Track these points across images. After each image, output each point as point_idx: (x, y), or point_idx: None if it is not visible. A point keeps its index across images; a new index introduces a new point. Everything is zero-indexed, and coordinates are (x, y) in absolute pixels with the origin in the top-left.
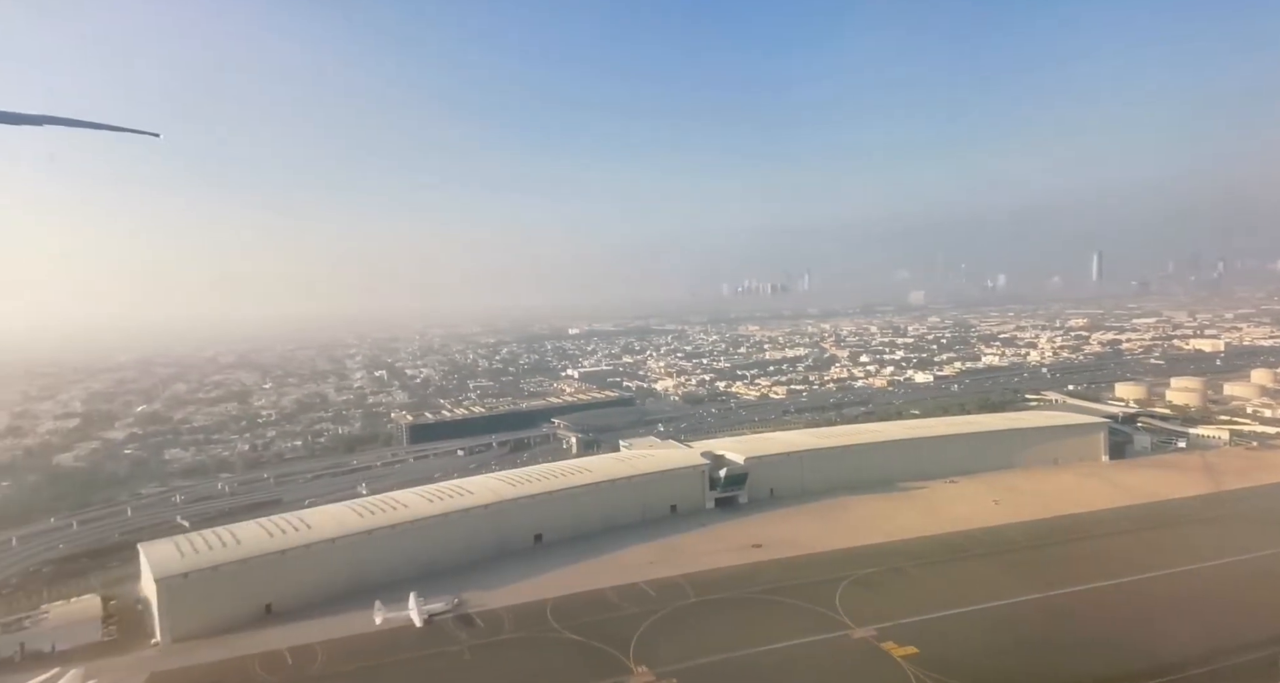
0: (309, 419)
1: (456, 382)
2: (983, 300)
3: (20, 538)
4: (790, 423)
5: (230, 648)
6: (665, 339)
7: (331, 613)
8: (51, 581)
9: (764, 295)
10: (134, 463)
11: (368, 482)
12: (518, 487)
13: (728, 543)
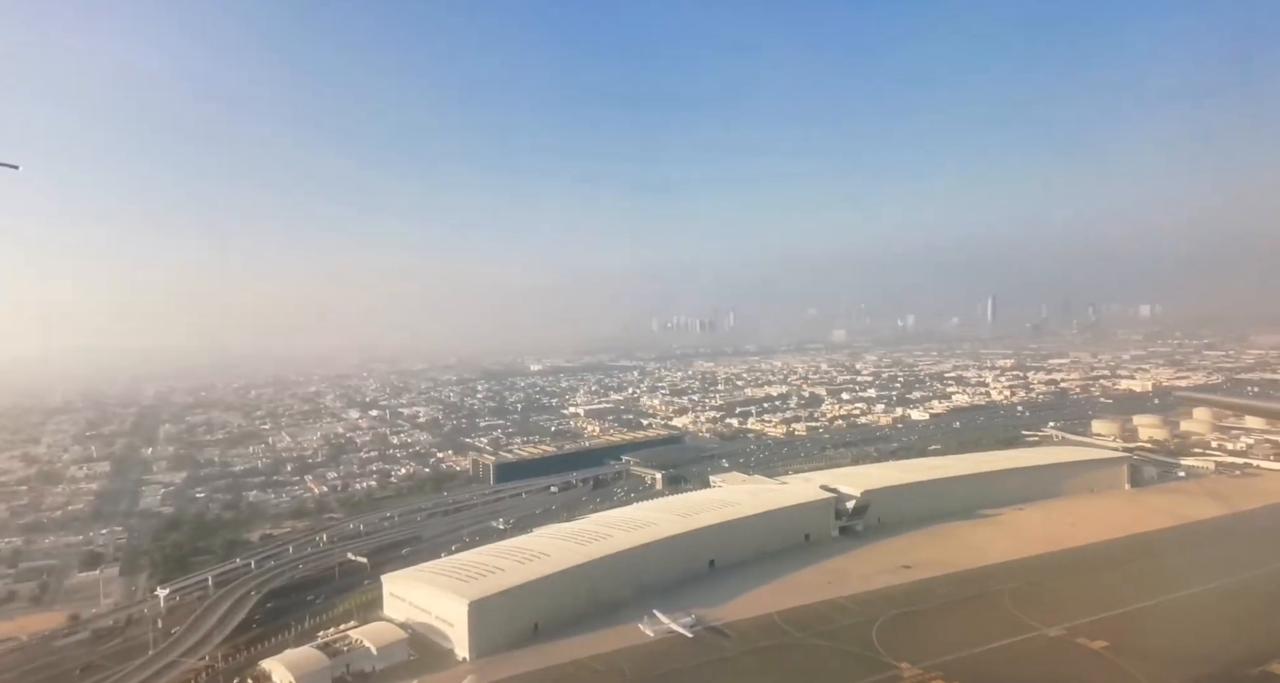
0: (355, 460)
1: (465, 421)
2: (897, 339)
3: (215, 580)
4: (837, 459)
5: (536, 659)
6: (632, 375)
7: (589, 630)
8: (282, 615)
9: (694, 332)
10: (224, 506)
11: (490, 517)
12: (690, 519)
13: (878, 565)
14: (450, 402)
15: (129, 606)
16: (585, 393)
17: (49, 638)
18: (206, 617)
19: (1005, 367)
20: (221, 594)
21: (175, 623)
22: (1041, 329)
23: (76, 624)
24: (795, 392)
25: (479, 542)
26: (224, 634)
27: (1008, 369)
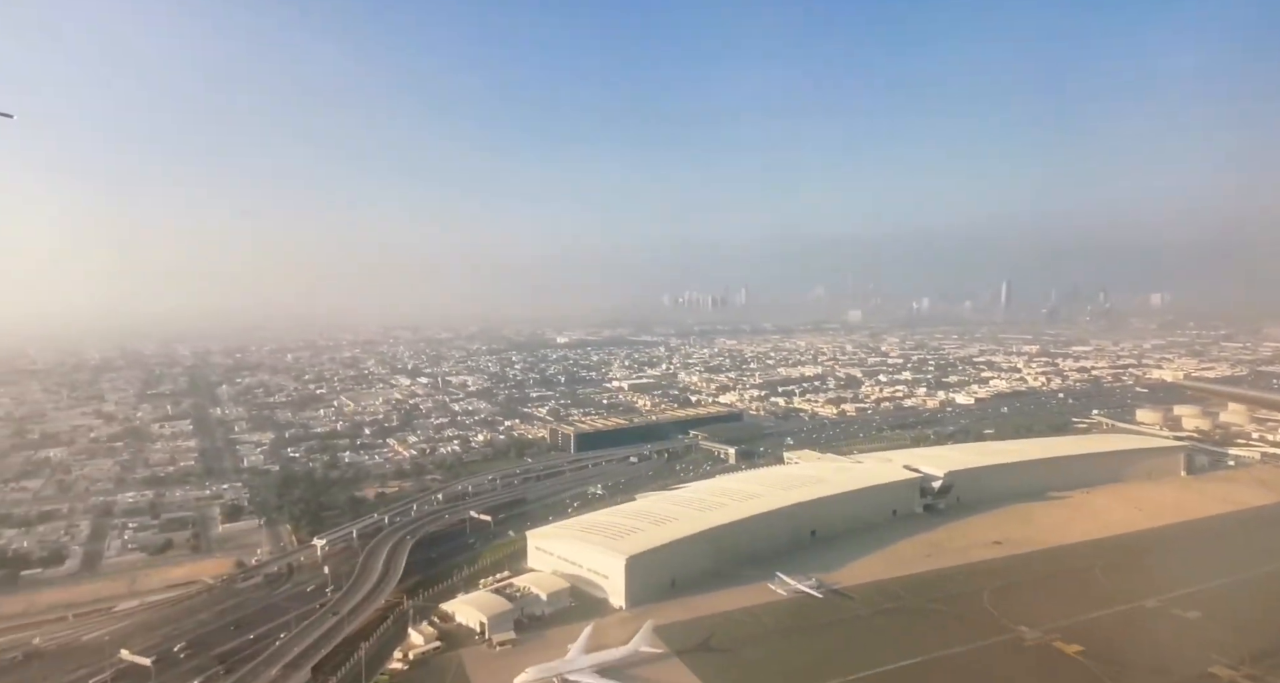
0: (428, 426)
1: (515, 391)
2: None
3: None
4: (896, 440)
5: (684, 611)
6: (658, 350)
7: (720, 588)
8: (432, 565)
9: (705, 308)
10: (325, 466)
11: (582, 484)
12: (792, 492)
13: (969, 541)
14: (491, 371)
15: (287, 554)
16: (619, 367)
17: (229, 582)
18: (369, 565)
19: (1032, 353)
20: (373, 546)
21: (339, 570)
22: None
23: (248, 570)
24: (830, 373)
25: (581, 504)
26: (394, 580)
27: (1034, 356)
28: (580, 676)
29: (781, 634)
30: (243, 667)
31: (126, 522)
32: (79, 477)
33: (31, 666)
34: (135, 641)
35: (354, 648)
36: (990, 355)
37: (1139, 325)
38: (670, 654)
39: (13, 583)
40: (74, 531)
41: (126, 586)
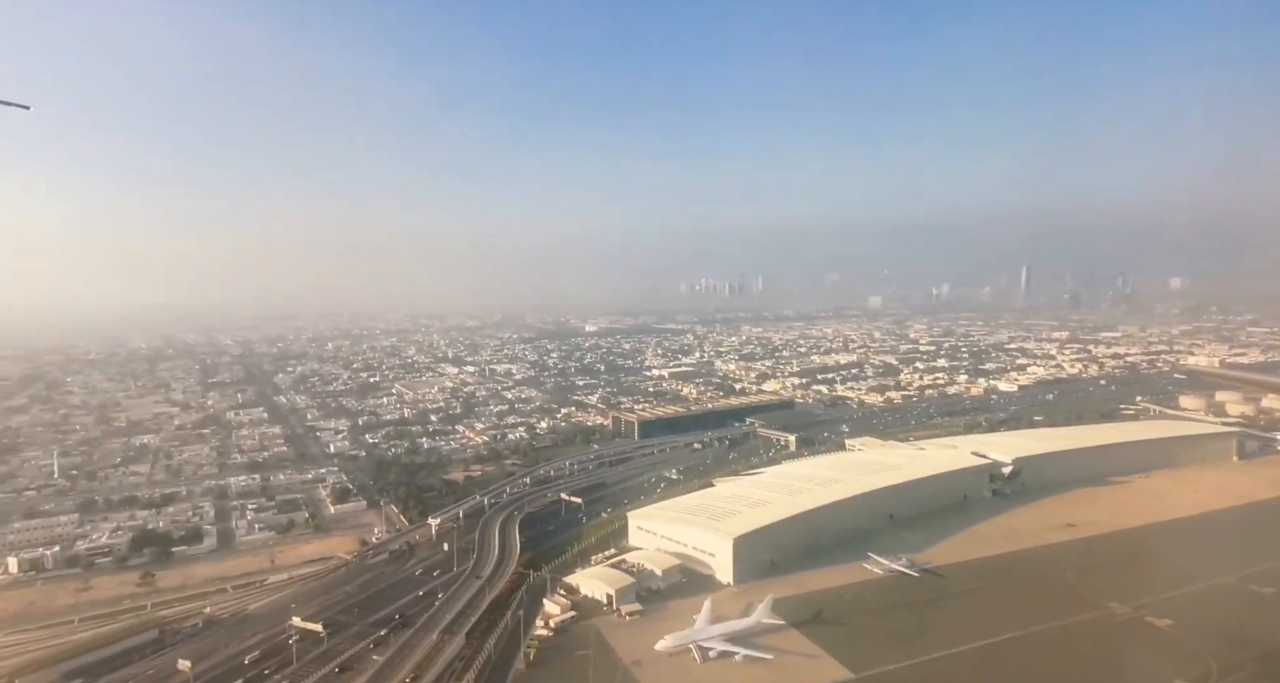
0: (489, 413)
1: (560, 380)
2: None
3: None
4: (949, 426)
5: (790, 587)
6: (686, 338)
7: (816, 566)
8: (539, 542)
9: (722, 295)
10: (406, 451)
11: (654, 468)
12: (870, 478)
13: (1042, 523)
14: (531, 360)
15: (404, 533)
16: (653, 355)
17: (361, 558)
18: (485, 542)
19: (1062, 340)
20: (483, 525)
21: (456, 547)
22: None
23: (373, 547)
24: (864, 360)
25: (660, 488)
26: (515, 556)
27: (1065, 342)
28: (713, 643)
29: (886, 609)
30: (403, 632)
31: (244, 503)
32: (181, 462)
33: (212, 631)
34: (298, 610)
35: (495, 616)
36: (1021, 342)
37: (1162, 310)
38: (788, 626)
39: (166, 559)
40: (199, 512)
41: (267, 561)
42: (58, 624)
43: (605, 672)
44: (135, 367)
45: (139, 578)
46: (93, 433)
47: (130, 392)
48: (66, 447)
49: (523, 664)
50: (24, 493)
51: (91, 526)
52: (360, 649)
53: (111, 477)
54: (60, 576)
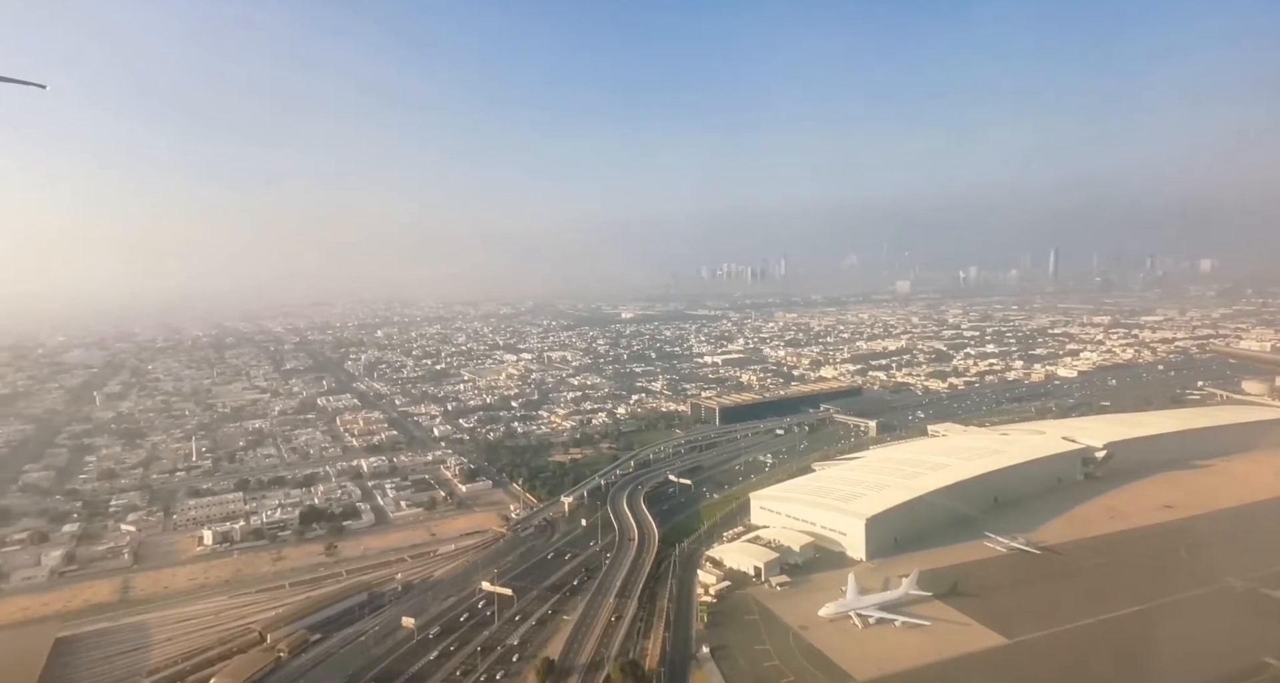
0: (563, 399)
1: (616, 366)
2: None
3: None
4: (1020, 412)
5: (921, 563)
6: (724, 324)
7: (939, 545)
8: (664, 520)
9: (745, 280)
10: (504, 435)
11: (742, 453)
12: (975, 462)
13: (1139, 505)
14: (581, 347)
15: (541, 510)
16: (697, 342)
17: (514, 530)
18: (620, 518)
19: (1105, 324)
20: (611, 502)
21: (593, 522)
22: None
23: (518, 522)
24: (911, 346)
25: (760, 471)
26: (654, 530)
27: (1108, 327)
28: (870, 611)
29: (1017, 583)
30: (580, 596)
31: (380, 483)
32: (302, 445)
33: (411, 595)
34: (477, 577)
35: (654, 585)
36: (1063, 327)
37: (1196, 293)
38: (932, 597)
39: (340, 533)
40: (345, 490)
41: (427, 534)
42: (272, 588)
43: (777, 634)
44: (204, 354)
45: (324, 549)
46: (203, 418)
47: (213, 379)
48: (187, 431)
49: (700, 625)
50: (175, 474)
51: (254, 503)
52: (547, 610)
53: (246, 458)
54: (250, 547)
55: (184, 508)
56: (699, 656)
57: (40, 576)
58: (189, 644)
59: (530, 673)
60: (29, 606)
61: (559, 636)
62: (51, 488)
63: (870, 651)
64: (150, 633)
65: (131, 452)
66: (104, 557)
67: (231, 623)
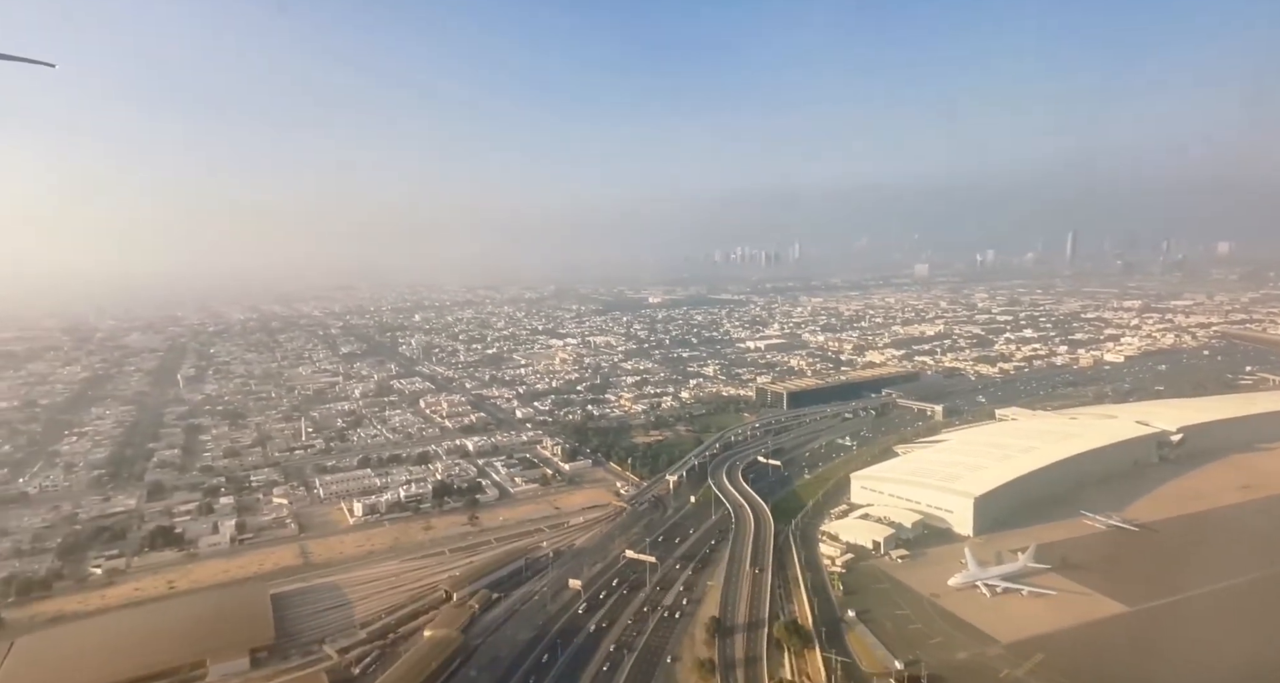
0: (623, 383)
1: (661, 351)
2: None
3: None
4: (1078, 397)
5: (1024, 539)
6: (751, 309)
7: (1038, 522)
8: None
9: (758, 264)
10: (583, 417)
11: (817, 436)
12: (1060, 445)
13: (1217, 485)
14: (621, 332)
15: (649, 487)
16: (732, 327)
17: (634, 504)
18: (727, 495)
19: (1135, 309)
20: (714, 480)
21: (701, 499)
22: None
23: (633, 497)
24: (948, 331)
25: (838, 453)
26: (763, 507)
27: (1140, 311)
28: (995, 581)
29: (1121, 557)
30: (714, 564)
31: (491, 461)
32: (398, 426)
33: (563, 561)
34: (615, 545)
35: (780, 555)
36: (1094, 312)
37: (1219, 277)
38: (1049, 569)
39: (475, 506)
40: (460, 468)
41: (551, 508)
42: (433, 554)
43: (911, 601)
44: (256, 338)
45: (466, 520)
46: (291, 400)
47: (279, 362)
48: (283, 412)
49: (838, 593)
50: (293, 452)
51: (382, 478)
52: (690, 576)
53: (353, 438)
54: (397, 518)
55: (324, 483)
56: (847, 619)
57: (223, 542)
58: (384, 601)
59: (699, 630)
60: (227, 568)
61: (710, 598)
62: (184, 466)
63: (1005, 616)
64: (345, 592)
65: (240, 432)
66: (271, 526)
67: (413, 584)
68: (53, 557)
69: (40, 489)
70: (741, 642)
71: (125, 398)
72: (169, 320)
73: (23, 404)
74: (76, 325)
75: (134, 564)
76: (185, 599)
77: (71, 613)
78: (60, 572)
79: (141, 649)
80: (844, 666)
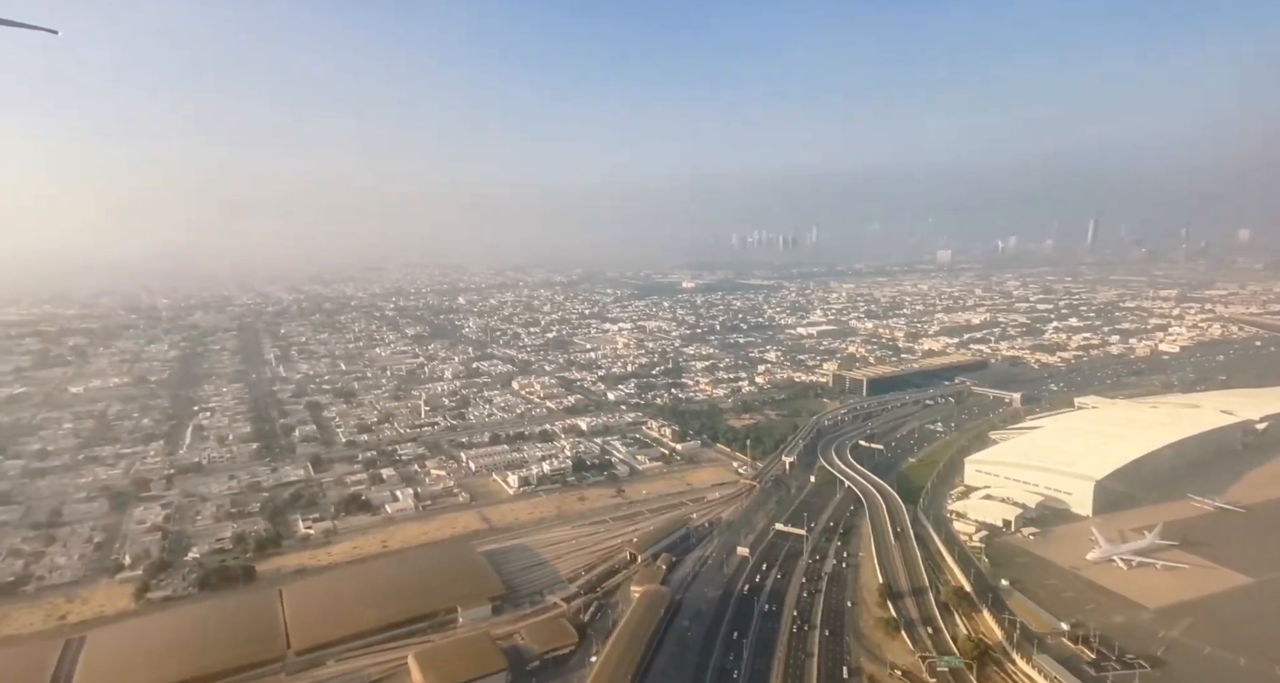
0: (694, 369)
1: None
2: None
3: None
4: (1147, 385)
5: (1142, 518)
6: (787, 295)
7: (1148, 504)
8: None
9: (776, 248)
10: (674, 401)
11: (908, 420)
12: (1157, 432)
13: None
14: (665, 317)
15: (768, 466)
16: (774, 312)
17: (761, 480)
18: (847, 476)
19: (1172, 298)
20: (826, 461)
21: (821, 479)
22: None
23: (757, 475)
24: (993, 319)
25: (932, 439)
26: (887, 487)
27: (1176, 300)
28: (1129, 556)
29: (1234, 535)
30: (853, 537)
31: (607, 440)
32: (506, 406)
33: (718, 531)
34: (758, 518)
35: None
36: (1131, 300)
37: (1244, 265)
38: (1174, 545)
39: (614, 480)
40: (585, 446)
41: (682, 484)
42: (597, 522)
43: (1054, 573)
44: (318, 319)
45: (614, 492)
46: (388, 380)
47: (354, 343)
48: (390, 392)
49: (985, 565)
50: (420, 429)
51: (517, 454)
52: (838, 547)
53: (468, 416)
54: (550, 489)
55: (470, 457)
56: (1002, 587)
57: (409, 508)
58: (577, 561)
59: (867, 593)
60: (424, 530)
61: (867, 567)
62: (326, 440)
63: (1146, 587)
64: (539, 553)
65: (360, 410)
66: (443, 495)
67: (594, 547)
68: (261, 520)
69: (209, 460)
70: (912, 604)
71: (228, 376)
72: (220, 300)
73: (134, 381)
74: (134, 304)
75: (339, 526)
76: (409, 555)
77: (311, 567)
78: (278, 533)
79: (399, 597)
80: (1015, 625)
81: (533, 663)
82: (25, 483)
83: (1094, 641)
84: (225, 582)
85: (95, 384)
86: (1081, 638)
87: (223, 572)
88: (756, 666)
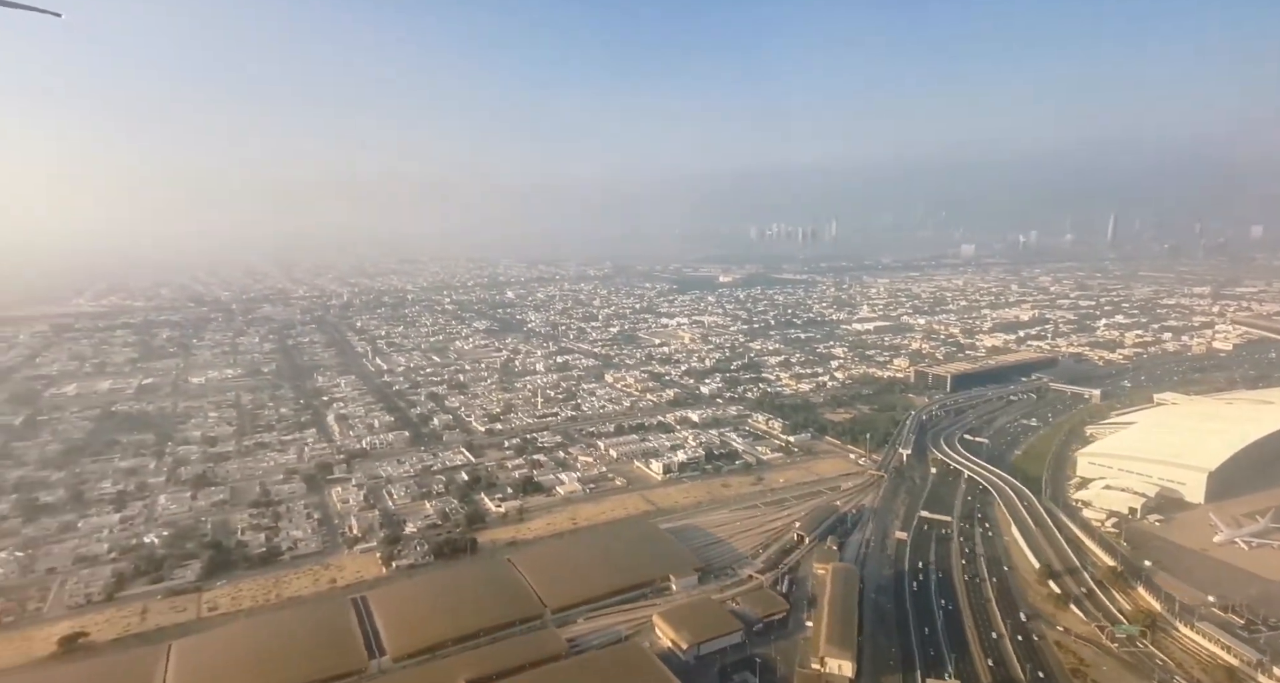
0: (770, 364)
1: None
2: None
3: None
4: (1212, 382)
5: (1254, 504)
6: (823, 290)
7: (1255, 492)
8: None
9: (795, 241)
10: (763, 394)
11: (998, 414)
12: (1247, 426)
13: None
14: (718, 312)
15: (886, 458)
16: (820, 307)
17: (876, 468)
18: (965, 467)
19: (1206, 294)
20: (945, 455)
21: (942, 471)
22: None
23: (878, 466)
24: (1041, 315)
25: (1029, 433)
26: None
27: (1212, 297)
28: (1249, 537)
29: None
30: (990, 523)
31: (723, 431)
32: (613, 397)
33: (865, 516)
34: (898, 505)
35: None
36: (1168, 297)
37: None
38: None
39: (747, 470)
40: (706, 436)
41: (810, 474)
42: (750, 507)
43: (1187, 555)
44: (385, 313)
45: (753, 480)
46: (487, 373)
47: (433, 337)
48: (496, 383)
49: (1124, 548)
50: (544, 418)
51: (647, 443)
52: (986, 532)
53: (582, 407)
54: (692, 476)
55: (608, 445)
56: (1145, 568)
57: (578, 490)
58: (749, 541)
59: (1029, 574)
60: (600, 510)
61: (1015, 549)
62: (465, 428)
63: (1271, 564)
64: (708, 533)
65: (479, 400)
66: (599, 479)
67: (759, 529)
68: (453, 499)
69: (372, 446)
70: (1071, 582)
71: (335, 368)
72: (278, 293)
73: (249, 372)
74: (195, 296)
75: (525, 506)
76: (606, 530)
77: (521, 540)
78: (475, 510)
79: (617, 567)
80: (1169, 598)
81: (757, 626)
82: (213, 467)
83: (1241, 610)
84: (455, 552)
85: (214, 375)
86: (1230, 607)
87: (451, 543)
88: (950, 626)
